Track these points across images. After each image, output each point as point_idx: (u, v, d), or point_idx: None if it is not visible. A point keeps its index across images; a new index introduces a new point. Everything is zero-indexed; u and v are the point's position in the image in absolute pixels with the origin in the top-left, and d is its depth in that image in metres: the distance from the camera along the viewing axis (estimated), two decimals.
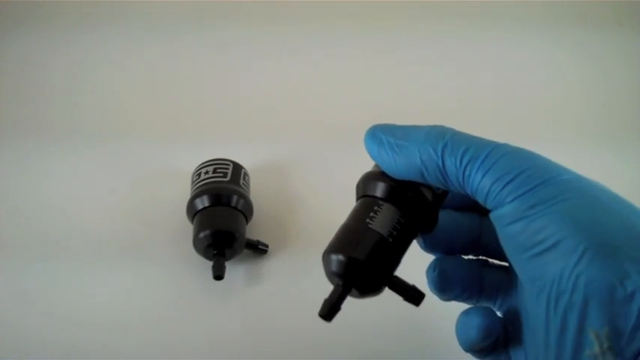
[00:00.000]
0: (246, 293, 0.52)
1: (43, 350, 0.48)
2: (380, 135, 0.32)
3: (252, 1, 0.80)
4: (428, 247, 0.37)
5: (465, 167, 0.29)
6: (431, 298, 0.36)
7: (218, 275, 0.50)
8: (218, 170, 0.55)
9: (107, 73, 0.71)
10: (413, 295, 0.33)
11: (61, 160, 0.62)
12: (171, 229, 0.55)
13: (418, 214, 0.33)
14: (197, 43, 0.75)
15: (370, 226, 0.32)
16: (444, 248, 0.37)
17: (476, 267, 0.37)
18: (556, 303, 0.28)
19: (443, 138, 0.30)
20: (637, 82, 0.73)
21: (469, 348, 0.35)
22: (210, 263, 0.51)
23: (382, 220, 0.32)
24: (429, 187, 0.33)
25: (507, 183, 0.28)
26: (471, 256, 0.38)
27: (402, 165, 0.31)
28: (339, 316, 0.49)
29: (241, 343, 0.49)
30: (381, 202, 0.33)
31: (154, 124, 0.66)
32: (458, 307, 0.37)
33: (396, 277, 0.33)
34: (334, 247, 0.33)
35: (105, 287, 0.52)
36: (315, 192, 0.59)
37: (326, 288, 0.34)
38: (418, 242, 0.37)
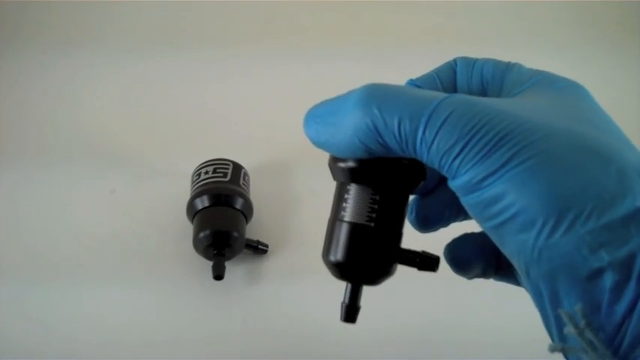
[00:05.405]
0: (246, 293, 0.52)
1: (47, 339, 0.48)
2: (312, 123, 0.29)
3: (251, 4, 0.80)
4: (421, 225, 0.32)
5: (407, 141, 0.26)
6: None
7: (218, 275, 0.50)
8: (218, 170, 0.55)
9: (109, 76, 0.71)
10: (426, 263, 0.29)
11: (61, 162, 0.61)
12: (172, 229, 0.55)
13: (395, 180, 0.29)
14: (198, 47, 0.75)
15: (345, 219, 0.30)
16: (439, 220, 0.32)
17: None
18: (527, 274, 0.25)
19: (371, 109, 0.26)
20: (637, 82, 0.73)
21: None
22: (210, 263, 0.51)
23: (354, 207, 0.30)
24: None
25: (456, 156, 0.25)
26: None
27: (345, 148, 0.28)
28: (337, 317, 0.49)
29: (241, 343, 0.49)
30: (348, 186, 0.30)
31: (154, 125, 0.66)
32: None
33: (403, 250, 0.30)
34: (323, 251, 0.31)
35: (105, 287, 0.52)
36: (315, 192, 0.59)
37: (326, 288, 0.34)
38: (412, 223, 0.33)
